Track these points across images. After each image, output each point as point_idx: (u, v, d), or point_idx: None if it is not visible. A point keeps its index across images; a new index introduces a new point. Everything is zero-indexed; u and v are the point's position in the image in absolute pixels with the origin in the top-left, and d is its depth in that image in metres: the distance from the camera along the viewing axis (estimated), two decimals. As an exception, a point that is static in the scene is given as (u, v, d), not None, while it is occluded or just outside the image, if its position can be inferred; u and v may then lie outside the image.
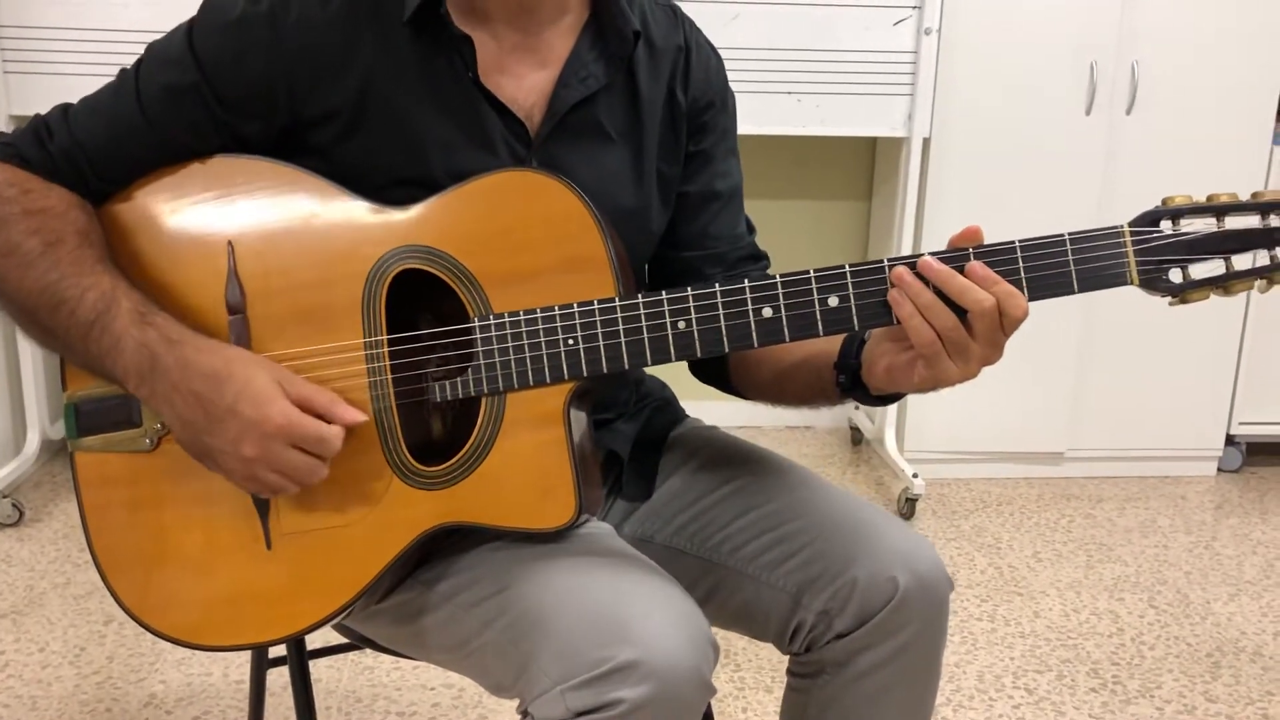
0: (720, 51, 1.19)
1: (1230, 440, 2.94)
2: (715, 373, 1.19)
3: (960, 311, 0.91)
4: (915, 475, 2.63)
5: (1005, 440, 2.86)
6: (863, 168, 3.09)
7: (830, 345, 1.04)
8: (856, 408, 3.09)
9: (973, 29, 2.59)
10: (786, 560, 1.07)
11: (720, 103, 1.16)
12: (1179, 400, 2.87)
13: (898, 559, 1.03)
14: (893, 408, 2.82)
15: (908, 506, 2.63)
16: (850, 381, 1.02)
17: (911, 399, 2.80)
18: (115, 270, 0.97)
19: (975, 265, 0.91)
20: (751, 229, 1.20)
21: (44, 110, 1.03)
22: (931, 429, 2.83)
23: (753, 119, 2.54)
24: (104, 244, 0.99)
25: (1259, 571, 2.43)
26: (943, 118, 2.64)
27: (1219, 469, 2.97)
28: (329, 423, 0.94)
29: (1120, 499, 2.80)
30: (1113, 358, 2.82)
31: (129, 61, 1.03)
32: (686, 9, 1.19)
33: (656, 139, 1.11)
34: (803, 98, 2.59)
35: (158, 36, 1.03)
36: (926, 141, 2.65)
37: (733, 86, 1.18)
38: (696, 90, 1.13)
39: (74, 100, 1.04)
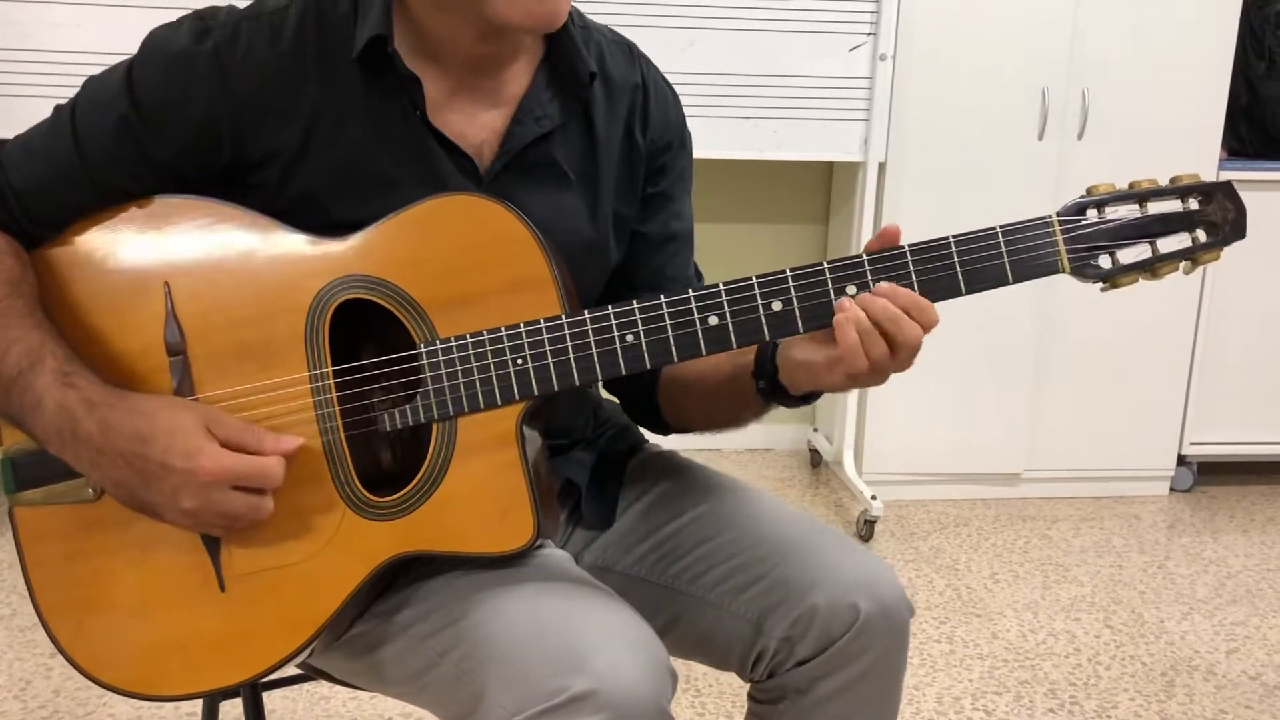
0: (677, 77, 1.19)
1: (1182, 460, 2.99)
2: (646, 413, 1.19)
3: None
4: (874, 497, 2.64)
5: (963, 462, 2.88)
6: (819, 191, 3.11)
7: (745, 356, 1.05)
8: (815, 430, 3.10)
9: (927, 56, 2.63)
10: (748, 588, 1.06)
11: (679, 143, 1.16)
12: (1132, 421, 2.91)
13: (858, 585, 1.03)
14: (851, 430, 2.83)
15: (866, 528, 2.64)
16: (769, 386, 1.03)
17: (870, 422, 2.82)
18: (44, 323, 0.94)
19: (886, 287, 0.93)
20: (700, 276, 1.21)
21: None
22: (890, 451, 2.85)
23: (709, 143, 2.55)
24: (35, 294, 0.96)
25: (1211, 590, 2.46)
26: (898, 142, 2.67)
27: (1171, 489, 3.01)
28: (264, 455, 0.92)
29: (1076, 519, 2.83)
30: (1067, 380, 2.85)
31: (79, 82, 1.01)
32: (644, 35, 1.19)
33: (613, 179, 1.10)
34: (759, 122, 2.61)
35: (110, 59, 1.00)
36: (882, 166, 2.67)
37: (689, 111, 1.18)
38: (655, 131, 1.13)
39: (16, 124, 1.01)
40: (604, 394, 1.25)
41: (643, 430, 1.26)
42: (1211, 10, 2.68)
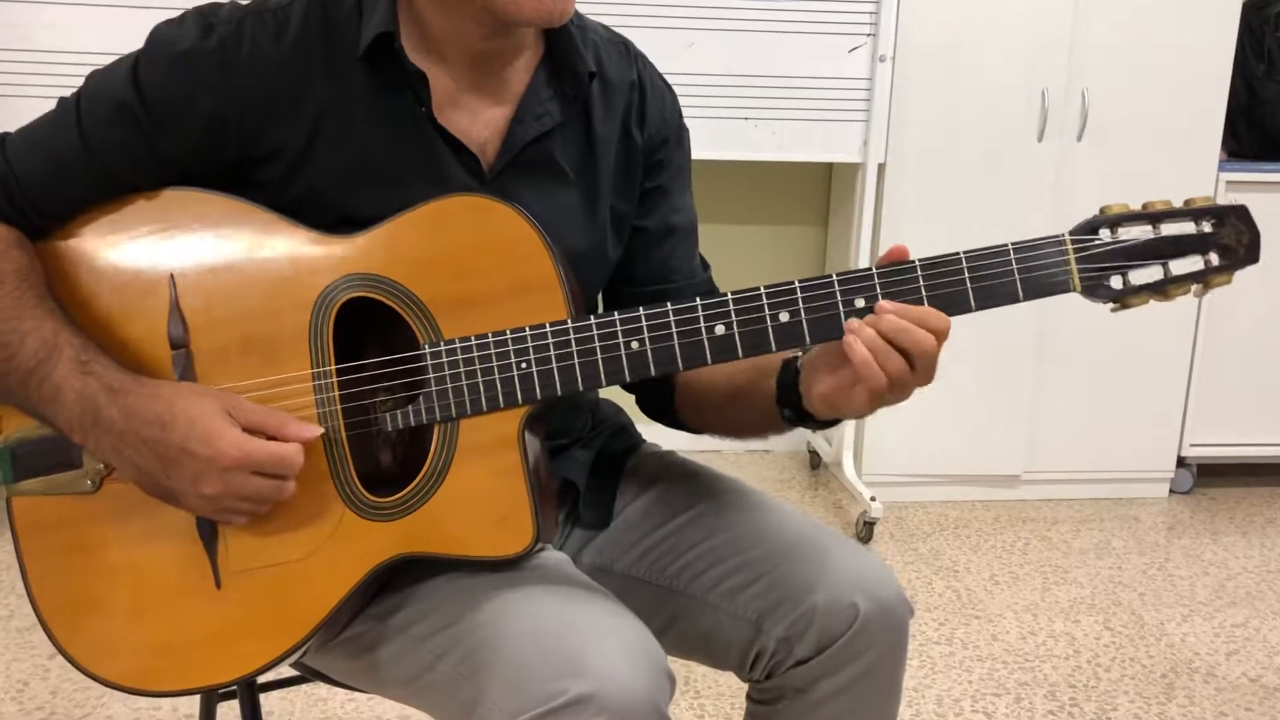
0: (677, 78, 1.19)
1: (1181, 462, 2.98)
2: (663, 408, 1.18)
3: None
4: (873, 499, 2.64)
5: (962, 463, 2.88)
6: (819, 193, 3.11)
7: (767, 380, 1.04)
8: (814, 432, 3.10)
9: (926, 57, 2.63)
10: (747, 587, 1.06)
11: (676, 139, 1.16)
12: (1131, 423, 2.90)
13: (858, 585, 1.02)
14: (850, 432, 2.83)
15: (865, 530, 2.63)
16: (795, 414, 1.02)
17: (869, 423, 2.82)
18: (57, 312, 0.94)
19: (888, 304, 0.93)
20: (706, 266, 1.20)
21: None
22: (889, 452, 2.84)
23: (709, 144, 2.55)
24: (44, 283, 0.96)
25: (1211, 592, 2.46)
26: (898, 143, 2.66)
27: (1171, 490, 3.01)
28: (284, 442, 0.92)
29: (1075, 521, 2.83)
30: (1067, 382, 2.85)
31: (78, 83, 1.00)
32: (644, 35, 1.19)
33: (611, 177, 1.10)
34: (759, 123, 2.61)
35: (108, 59, 1.00)
36: (882, 167, 2.67)
37: (689, 112, 1.18)
38: (653, 127, 1.13)
39: (15, 124, 1.01)
40: (602, 393, 1.24)
41: (642, 429, 1.26)
42: (1211, 12, 2.68)
